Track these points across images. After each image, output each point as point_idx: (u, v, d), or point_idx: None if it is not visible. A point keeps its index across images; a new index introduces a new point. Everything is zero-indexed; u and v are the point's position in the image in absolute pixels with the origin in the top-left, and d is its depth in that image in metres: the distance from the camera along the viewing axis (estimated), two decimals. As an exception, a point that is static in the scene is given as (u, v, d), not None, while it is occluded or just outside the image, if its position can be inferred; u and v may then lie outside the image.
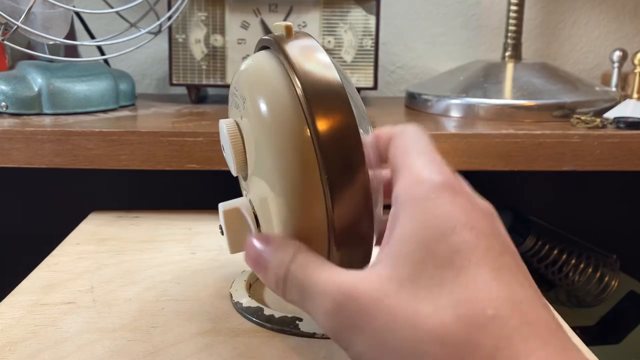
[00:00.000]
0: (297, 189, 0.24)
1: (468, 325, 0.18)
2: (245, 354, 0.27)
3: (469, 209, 0.21)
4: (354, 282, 0.21)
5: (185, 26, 0.62)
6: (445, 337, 0.18)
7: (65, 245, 0.41)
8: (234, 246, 0.30)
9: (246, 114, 0.26)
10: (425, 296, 0.19)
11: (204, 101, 0.70)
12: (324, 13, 0.62)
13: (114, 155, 0.46)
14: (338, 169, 0.23)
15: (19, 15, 0.47)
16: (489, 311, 0.18)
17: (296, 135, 0.23)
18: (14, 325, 0.29)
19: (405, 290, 0.20)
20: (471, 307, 0.19)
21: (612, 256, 0.69)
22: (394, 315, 0.19)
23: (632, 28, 0.80)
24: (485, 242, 0.20)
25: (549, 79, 0.59)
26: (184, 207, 0.50)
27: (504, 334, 0.18)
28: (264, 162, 0.25)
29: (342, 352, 0.27)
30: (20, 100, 0.53)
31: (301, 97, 0.23)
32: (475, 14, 0.79)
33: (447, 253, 0.20)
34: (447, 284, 0.19)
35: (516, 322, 0.18)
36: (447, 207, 0.21)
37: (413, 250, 0.20)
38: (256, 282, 0.35)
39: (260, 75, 0.26)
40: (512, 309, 0.19)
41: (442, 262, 0.20)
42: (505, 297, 0.19)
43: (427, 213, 0.21)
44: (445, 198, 0.21)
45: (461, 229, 0.20)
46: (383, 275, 0.21)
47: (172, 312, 0.31)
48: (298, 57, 0.24)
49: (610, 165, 0.49)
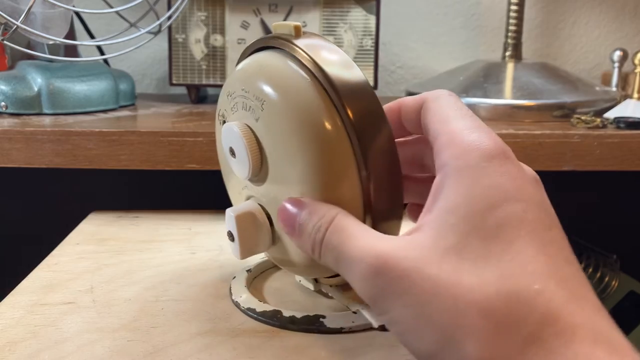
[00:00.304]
0: (333, 175, 0.25)
1: (513, 300, 0.18)
2: (245, 354, 0.27)
3: (518, 178, 0.20)
4: (393, 248, 0.20)
5: (185, 26, 0.62)
6: (488, 311, 0.18)
7: (65, 245, 0.41)
8: (245, 251, 0.29)
9: (266, 114, 0.26)
10: (469, 268, 0.19)
11: (204, 101, 0.70)
12: (324, 13, 0.62)
13: (114, 155, 0.46)
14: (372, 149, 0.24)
15: (18, 15, 0.47)
16: (536, 286, 0.18)
17: (328, 126, 0.24)
18: (14, 325, 0.29)
19: (448, 260, 0.19)
20: (517, 281, 0.18)
21: (612, 256, 0.69)
22: (435, 284, 0.19)
23: (632, 28, 0.80)
24: (534, 214, 0.20)
25: (549, 79, 0.59)
26: (184, 207, 0.50)
27: (550, 309, 0.18)
28: (293, 158, 0.25)
29: (343, 351, 0.27)
30: (20, 100, 0.53)
31: (330, 90, 0.24)
32: (475, 14, 0.79)
33: (495, 226, 0.19)
34: (493, 257, 0.19)
35: (563, 298, 0.18)
36: (496, 177, 0.20)
37: (460, 221, 0.20)
38: (255, 281, 0.35)
39: (281, 75, 0.26)
40: (558, 284, 0.18)
41: (489, 234, 0.19)
42: (552, 273, 0.18)
43: (476, 183, 0.20)
44: (495, 167, 0.20)
45: (510, 200, 0.20)
46: (425, 244, 0.20)
47: (172, 312, 0.31)
48: (318, 54, 0.25)
49: (610, 165, 0.49)
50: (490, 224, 0.19)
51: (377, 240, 0.21)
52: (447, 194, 0.21)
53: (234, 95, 0.28)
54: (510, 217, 0.19)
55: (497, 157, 0.21)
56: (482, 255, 0.19)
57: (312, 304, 0.32)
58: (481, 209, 0.20)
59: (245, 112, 0.28)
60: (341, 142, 0.24)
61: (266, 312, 0.30)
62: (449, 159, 0.21)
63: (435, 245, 0.20)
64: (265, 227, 0.29)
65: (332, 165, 0.25)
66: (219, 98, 0.31)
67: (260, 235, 0.29)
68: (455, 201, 0.20)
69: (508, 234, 0.19)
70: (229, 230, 0.29)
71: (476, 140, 0.21)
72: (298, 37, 0.26)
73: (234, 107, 0.29)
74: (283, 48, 0.27)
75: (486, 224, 0.19)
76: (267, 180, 0.28)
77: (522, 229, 0.19)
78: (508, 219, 0.19)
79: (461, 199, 0.20)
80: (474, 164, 0.20)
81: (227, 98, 0.29)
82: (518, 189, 0.20)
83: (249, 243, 0.29)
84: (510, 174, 0.20)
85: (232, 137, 0.28)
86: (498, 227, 0.19)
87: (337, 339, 0.28)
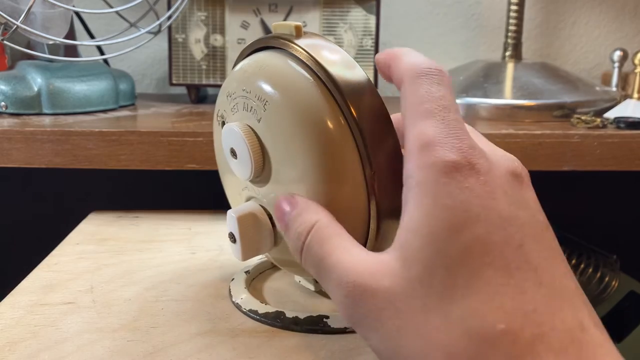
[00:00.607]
0: (337, 174, 0.25)
1: (478, 342, 0.17)
2: (245, 354, 0.27)
3: (483, 191, 0.19)
4: (366, 274, 0.20)
5: (185, 26, 0.62)
6: (454, 354, 0.17)
7: (65, 245, 0.41)
8: (247, 253, 0.29)
9: (269, 114, 0.26)
10: (436, 305, 0.18)
11: (204, 101, 0.70)
12: (324, 13, 0.62)
13: (113, 155, 0.46)
14: (377, 148, 0.24)
15: (18, 15, 0.47)
16: (499, 325, 0.17)
17: (332, 125, 0.24)
18: (13, 325, 0.29)
19: (416, 295, 0.19)
20: (481, 321, 0.17)
21: (612, 256, 0.69)
22: (404, 321, 0.19)
23: (632, 28, 0.80)
24: (499, 235, 0.18)
25: (549, 78, 0.59)
26: (184, 207, 0.50)
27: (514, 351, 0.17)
28: (297, 157, 0.25)
29: (343, 351, 0.27)
30: (19, 100, 0.53)
31: (333, 90, 0.25)
32: (475, 14, 0.79)
33: (457, 253, 0.18)
34: (458, 291, 0.18)
35: (528, 336, 0.17)
36: (457, 194, 0.19)
37: (422, 246, 0.19)
38: (253, 282, 0.35)
39: (284, 75, 0.26)
40: (523, 321, 0.17)
41: (453, 262, 0.18)
42: (518, 306, 0.17)
43: (436, 203, 0.19)
44: (457, 182, 0.19)
45: (472, 222, 0.18)
46: (396, 271, 0.19)
47: (172, 312, 0.31)
48: (320, 54, 0.25)
49: (610, 165, 0.49)
50: (454, 251, 0.18)
51: (355, 262, 0.21)
52: (411, 212, 0.20)
53: (234, 95, 0.28)
54: (473, 242, 0.18)
55: (460, 170, 0.19)
56: (448, 289, 0.18)
57: (312, 304, 0.32)
58: (442, 233, 0.18)
59: (247, 113, 0.27)
60: (346, 141, 0.24)
61: (269, 313, 0.30)
62: (412, 171, 0.20)
63: (404, 275, 0.19)
64: (267, 228, 0.29)
65: (336, 164, 0.25)
66: (217, 99, 0.31)
67: (262, 236, 0.29)
68: (417, 221, 0.19)
69: (473, 261, 0.18)
70: (231, 232, 0.29)
71: (438, 152, 0.19)
72: (299, 37, 0.26)
73: (234, 107, 0.29)
74: (284, 48, 0.27)
75: (449, 250, 0.18)
76: (270, 180, 0.28)
77: (487, 255, 0.18)
78: (471, 244, 0.18)
79: (422, 219, 0.19)
80: (434, 180, 0.19)
81: (227, 99, 0.29)
82: (482, 207, 0.19)
83: (251, 244, 0.29)
84: (473, 189, 0.19)
85: (233, 138, 0.27)
86: (462, 255, 0.18)
87: (337, 339, 0.28)
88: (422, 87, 0.22)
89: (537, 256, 0.19)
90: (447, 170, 0.19)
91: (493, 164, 0.20)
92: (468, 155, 0.19)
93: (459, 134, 0.20)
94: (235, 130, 0.27)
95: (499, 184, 0.19)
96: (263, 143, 0.27)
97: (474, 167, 0.19)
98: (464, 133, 0.20)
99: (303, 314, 0.29)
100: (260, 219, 0.29)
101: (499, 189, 0.19)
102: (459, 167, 0.19)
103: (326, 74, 0.25)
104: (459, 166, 0.19)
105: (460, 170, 0.19)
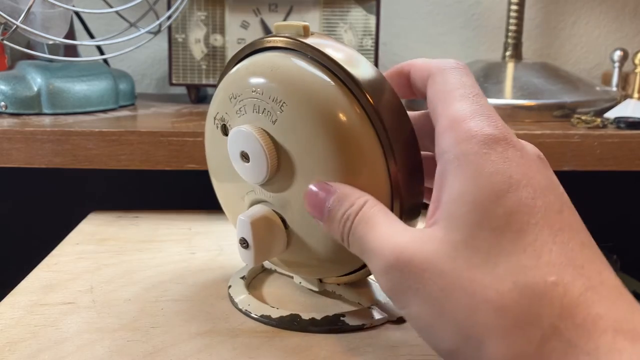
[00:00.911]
0: (361, 168, 0.25)
1: (528, 295, 0.17)
2: (245, 354, 0.27)
3: (522, 162, 0.20)
4: (410, 241, 0.20)
5: (185, 26, 0.62)
6: (504, 308, 0.17)
7: (64, 245, 0.41)
8: (260, 257, 0.29)
9: (287, 115, 0.26)
10: (482, 263, 0.18)
11: (203, 101, 0.70)
12: (324, 13, 0.62)
13: (113, 155, 0.46)
14: (398, 141, 0.25)
15: (18, 15, 0.47)
16: (551, 278, 0.17)
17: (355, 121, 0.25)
18: (13, 325, 0.29)
19: (460, 255, 0.19)
20: (531, 275, 0.18)
21: (612, 256, 0.69)
22: (449, 281, 0.19)
23: (632, 28, 0.80)
24: (543, 199, 0.19)
25: (549, 78, 0.59)
26: (183, 207, 0.50)
27: (567, 301, 0.17)
28: (320, 155, 0.25)
29: (343, 351, 0.27)
30: (19, 100, 0.53)
31: (352, 87, 0.25)
32: (475, 14, 0.79)
33: (503, 215, 0.19)
34: (505, 250, 0.18)
35: (580, 288, 0.17)
36: (499, 163, 0.20)
37: (467, 213, 0.19)
38: (254, 280, 0.35)
39: (301, 75, 0.26)
40: (574, 273, 0.18)
41: (499, 224, 0.19)
42: (567, 261, 0.18)
43: (480, 171, 0.20)
44: (498, 153, 0.20)
45: (517, 187, 0.19)
46: (439, 236, 0.20)
47: (171, 313, 0.31)
48: (333, 53, 0.25)
49: (611, 165, 0.49)
50: (499, 214, 0.19)
51: (396, 233, 0.21)
52: (452, 184, 0.20)
53: (241, 97, 0.28)
54: (518, 205, 0.19)
55: (498, 142, 0.20)
56: (494, 248, 0.19)
57: (317, 304, 0.32)
58: (488, 199, 0.19)
59: (258, 115, 0.27)
60: (368, 136, 0.25)
61: (283, 317, 0.29)
62: (449, 146, 0.21)
63: (448, 239, 0.20)
64: (280, 231, 0.28)
65: (359, 158, 0.25)
66: (213, 100, 0.30)
67: (275, 239, 0.28)
68: (460, 191, 0.20)
69: (518, 223, 0.19)
70: (242, 237, 0.28)
71: (477, 126, 0.20)
72: (307, 36, 0.26)
73: (240, 110, 0.28)
74: (295, 48, 0.26)
75: (495, 213, 0.19)
76: (285, 181, 0.27)
77: (532, 216, 0.19)
78: (516, 207, 0.19)
79: (466, 188, 0.20)
80: (475, 151, 0.20)
81: (231, 101, 0.28)
82: (523, 175, 0.19)
83: (264, 248, 0.28)
84: (513, 159, 0.20)
85: (245, 140, 0.27)
86: (507, 217, 0.19)
87: (337, 339, 0.28)
88: (453, 76, 0.23)
89: (576, 221, 0.20)
90: (488, 141, 0.20)
91: (524, 144, 0.21)
92: (505, 130, 0.21)
93: (493, 115, 0.21)
94: (248, 133, 0.26)
95: (532, 159, 0.21)
96: (279, 144, 0.27)
97: (511, 141, 0.20)
98: (497, 115, 0.21)
99: (319, 314, 0.29)
100: (274, 222, 0.28)
101: (533, 163, 0.20)
102: (498, 139, 0.20)
103: (344, 72, 0.25)
104: (498, 139, 0.20)
105: (499, 142, 0.20)
